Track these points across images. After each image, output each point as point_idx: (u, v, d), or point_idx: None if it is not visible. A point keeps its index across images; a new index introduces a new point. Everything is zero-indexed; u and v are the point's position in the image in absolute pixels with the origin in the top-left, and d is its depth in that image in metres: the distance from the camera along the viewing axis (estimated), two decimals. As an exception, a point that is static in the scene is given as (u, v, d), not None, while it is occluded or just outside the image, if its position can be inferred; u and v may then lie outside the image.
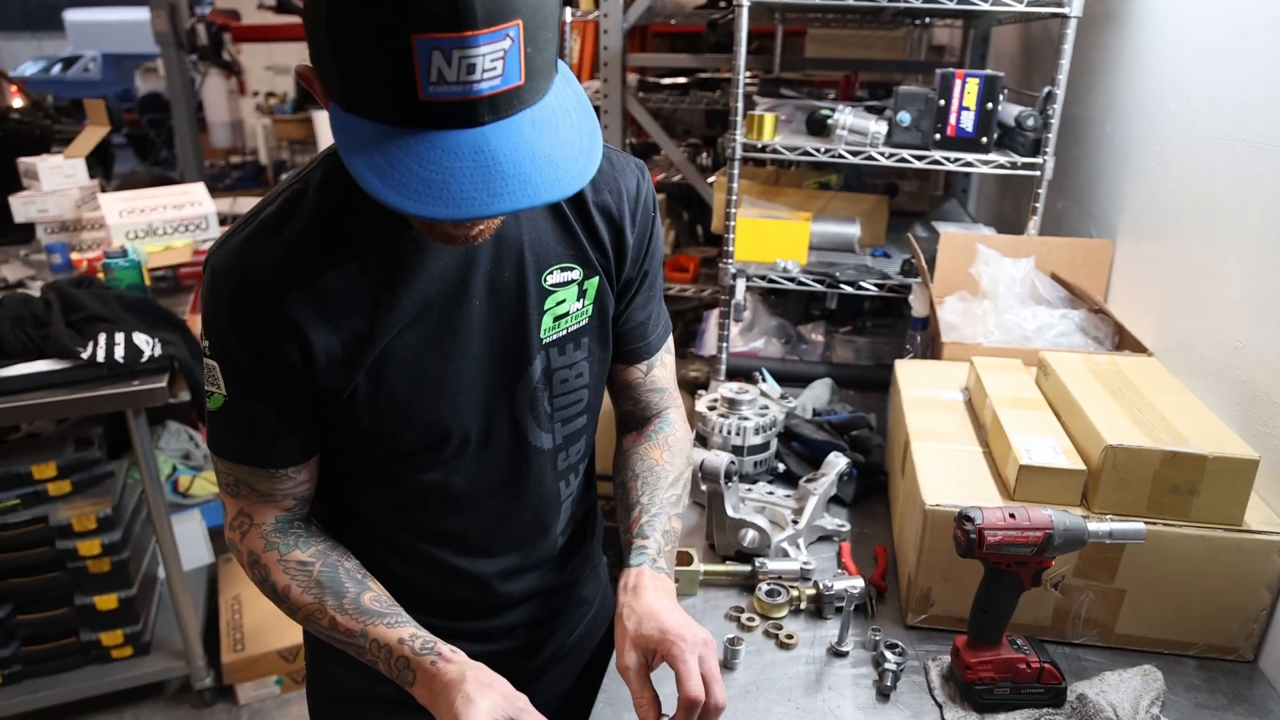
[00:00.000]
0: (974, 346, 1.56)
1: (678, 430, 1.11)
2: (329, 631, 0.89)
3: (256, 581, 0.93)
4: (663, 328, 1.09)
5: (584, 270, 0.95)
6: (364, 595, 0.89)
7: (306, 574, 0.90)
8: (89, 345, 2.01)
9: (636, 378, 1.08)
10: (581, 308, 0.96)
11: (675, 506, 1.03)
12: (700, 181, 2.95)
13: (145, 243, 2.76)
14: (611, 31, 2.81)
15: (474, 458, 0.95)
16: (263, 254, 0.82)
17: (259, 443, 0.89)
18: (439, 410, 0.90)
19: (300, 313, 0.82)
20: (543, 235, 0.92)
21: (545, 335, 0.94)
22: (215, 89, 7.85)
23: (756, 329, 2.30)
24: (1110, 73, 1.86)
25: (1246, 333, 1.25)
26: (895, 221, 2.46)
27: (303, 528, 0.94)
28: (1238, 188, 1.32)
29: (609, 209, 0.95)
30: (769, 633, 1.18)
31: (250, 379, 0.85)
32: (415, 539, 1.00)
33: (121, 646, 2.29)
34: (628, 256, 0.98)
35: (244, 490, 0.92)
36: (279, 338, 0.83)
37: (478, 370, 0.91)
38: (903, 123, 1.83)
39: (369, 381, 0.87)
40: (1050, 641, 1.16)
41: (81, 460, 2.24)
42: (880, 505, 1.51)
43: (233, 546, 0.94)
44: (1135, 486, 1.10)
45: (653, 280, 1.04)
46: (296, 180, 0.87)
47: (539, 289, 0.92)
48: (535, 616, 1.11)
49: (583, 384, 1.00)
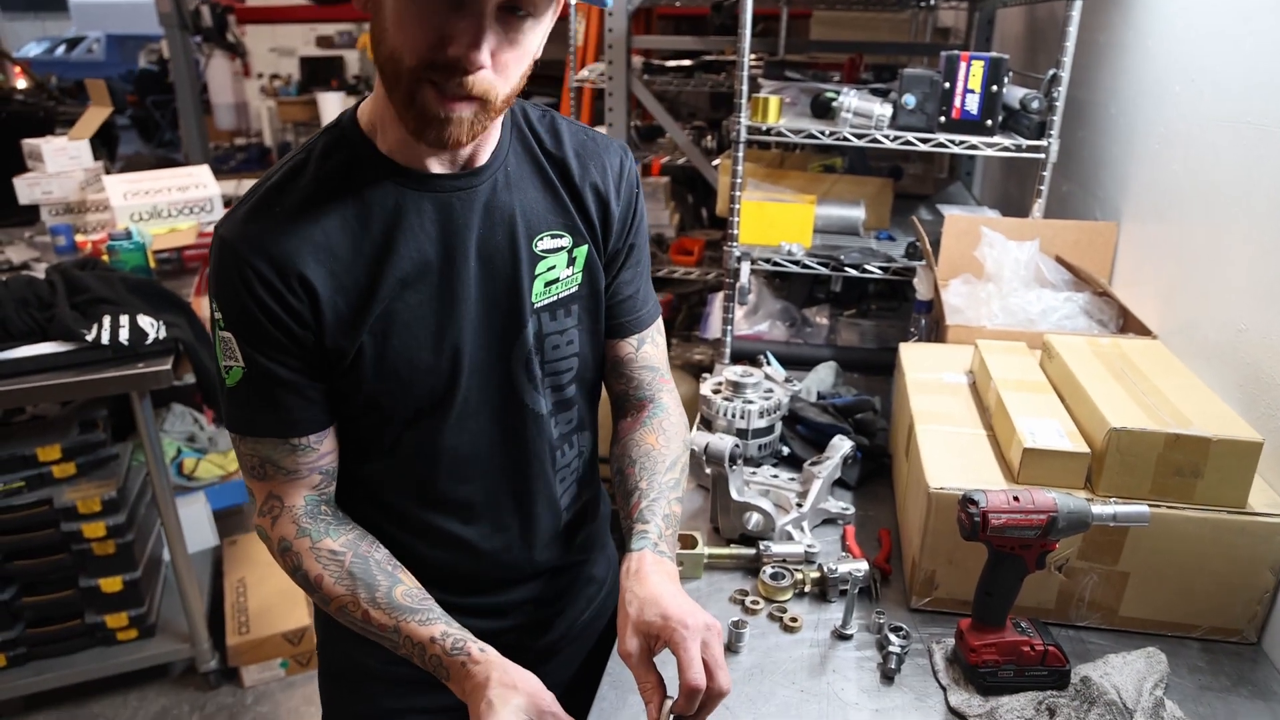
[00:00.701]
0: (978, 329, 1.56)
1: (672, 415, 1.12)
2: (363, 624, 0.90)
3: (289, 570, 0.93)
4: (652, 306, 1.12)
5: (573, 238, 0.98)
6: (396, 589, 0.91)
7: (339, 564, 0.91)
8: (93, 327, 2.01)
9: (628, 353, 1.10)
10: (571, 274, 0.99)
11: (674, 490, 1.04)
12: (705, 164, 2.94)
13: (150, 225, 2.76)
14: (616, 14, 2.79)
15: (474, 420, 0.97)
16: (270, 217, 0.86)
17: (281, 410, 0.90)
18: (440, 369, 0.92)
19: (309, 268, 0.85)
20: (533, 203, 0.96)
21: (537, 300, 0.97)
22: (220, 71, 7.82)
23: (761, 312, 2.30)
24: (1115, 56, 1.85)
25: (1251, 316, 1.25)
26: (900, 204, 2.45)
27: (331, 513, 0.95)
28: (1242, 171, 1.31)
29: (595, 183, 1.00)
30: (773, 616, 1.18)
31: (267, 342, 0.87)
32: (423, 509, 1.00)
33: (126, 629, 2.30)
34: (613, 229, 1.02)
35: (270, 470, 0.92)
36: (291, 294, 0.85)
37: (474, 331, 0.94)
38: (907, 105, 1.82)
39: (373, 342, 0.89)
40: (1054, 624, 1.16)
41: (86, 443, 2.25)
42: (884, 488, 1.51)
43: (263, 535, 0.95)
44: (1139, 469, 1.10)
45: (639, 256, 1.08)
46: (299, 152, 0.91)
47: (530, 254, 0.95)
48: (543, 594, 1.12)
49: (573, 351, 1.02)
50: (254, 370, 0.88)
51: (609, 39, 2.85)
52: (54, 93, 5.95)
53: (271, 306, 0.85)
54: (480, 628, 0.91)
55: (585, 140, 1.01)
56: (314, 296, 0.86)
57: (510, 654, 0.89)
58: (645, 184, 3.20)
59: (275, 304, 0.85)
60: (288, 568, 0.93)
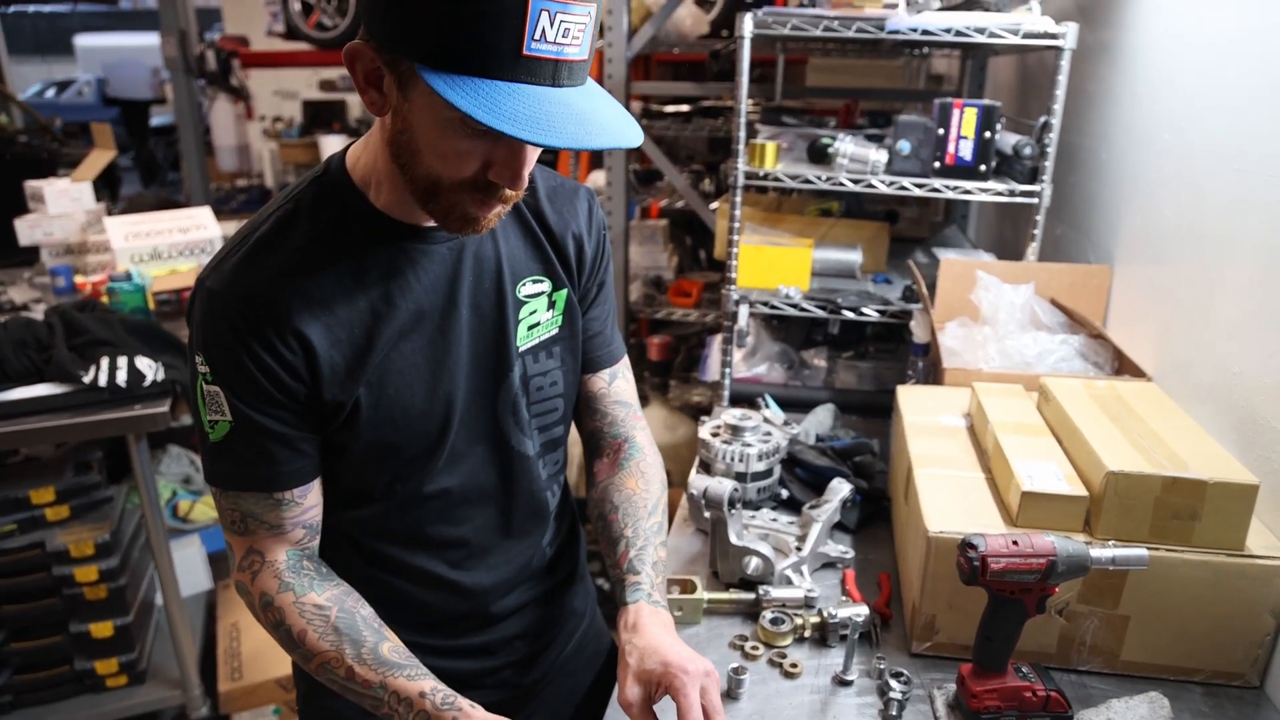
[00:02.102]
0: (975, 372, 1.57)
1: (648, 455, 1.13)
2: (345, 681, 0.88)
3: (269, 626, 0.91)
4: (619, 342, 1.15)
5: (553, 282, 1.01)
6: (382, 645, 0.89)
7: (324, 619, 0.89)
8: (91, 369, 2.01)
9: (600, 387, 1.12)
10: (551, 317, 1.02)
11: (658, 535, 1.05)
12: (703, 207, 2.98)
13: (150, 266, 2.77)
14: (616, 60, 2.85)
15: (464, 463, 0.98)
16: (263, 270, 0.85)
17: (266, 464, 0.89)
18: (433, 415, 0.94)
19: (304, 324, 0.85)
20: (516, 251, 0.99)
21: (522, 343, 0.99)
22: (223, 113, 7.94)
23: (759, 354, 2.31)
24: (1104, 102, 1.89)
25: (1244, 359, 1.26)
26: (896, 247, 2.48)
27: (314, 568, 0.94)
28: (1230, 215, 1.33)
29: (569, 227, 1.02)
30: (773, 661, 1.17)
31: (259, 396, 0.86)
32: (411, 553, 1.01)
33: (116, 675, 2.26)
34: (586, 270, 1.05)
35: (252, 524, 0.91)
36: (287, 349, 0.85)
37: (465, 376, 0.95)
38: (902, 151, 1.86)
39: (370, 393, 0.90)
40: (1056, 669, 1.15)
41: (80, 485, 2.23)
42: (884, 531, 1.51)
43: (243, 591, 0.93)
44: (1137, 512, 1.10)
45: (607, 294, 1.11)
46: (286, 201, 0.90)
47: (514, 299, 0.98)
48: (527, 629, 1.12)
49: (558, 392, 1.04)
50: (242, 424, 0.87)
51: (608, 84, 2.90)
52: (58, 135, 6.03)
53: (266, 360, 0.85)
54: (469, 669, 0.91)
55: (555, 186, 1.04)
56: (310, 352, 0.86)
57: (499, 692, 0.90)
58: (644, 227, 3.23)
59: (270, 358, 0.85)
60: (268, 624, 0.91)
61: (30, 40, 17.89)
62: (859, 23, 1.77)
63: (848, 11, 1.79)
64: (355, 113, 9.07)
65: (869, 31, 1.77)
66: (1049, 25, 1.73)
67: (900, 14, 1.77)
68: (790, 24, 1.79)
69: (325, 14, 5.22)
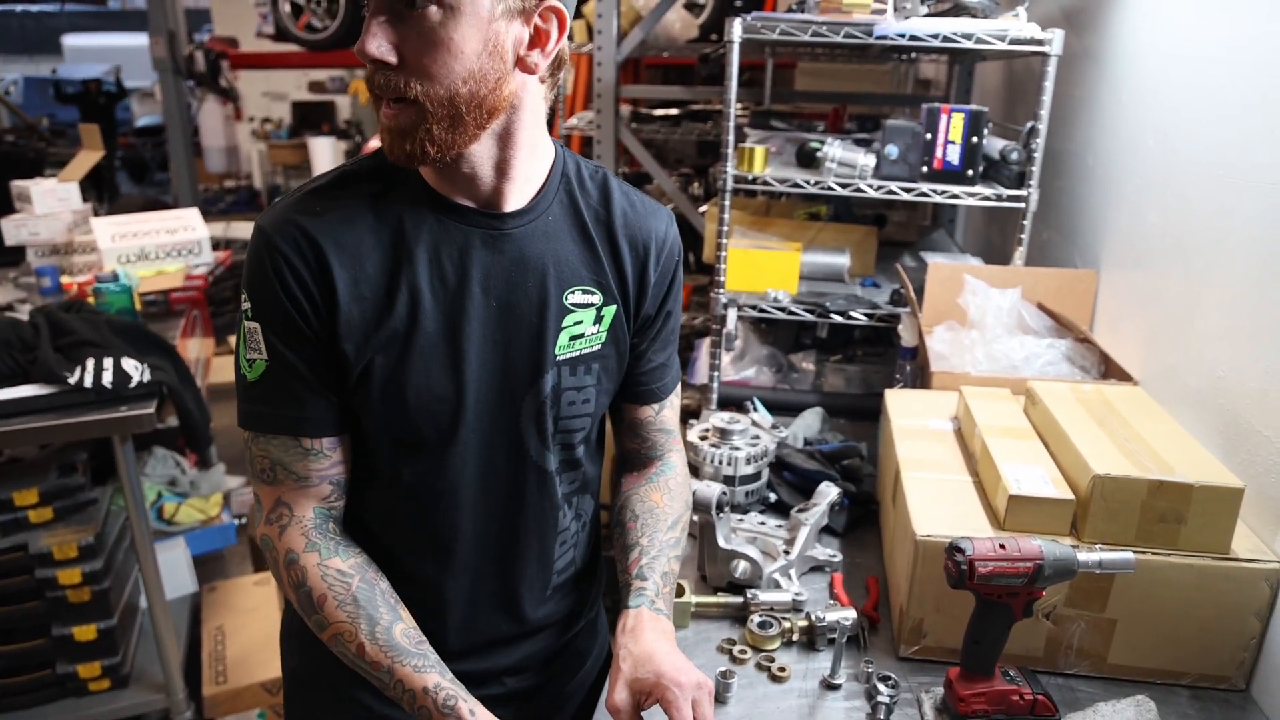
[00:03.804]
0: (963, 376, 1.57)
1: (679, 474, 1.13)
2: (354, 657, 0.88)
3: (290, 585, 0.90)
4: (676, 371, 1.12)
5: (604, 296, 0.98)
6: (396, 626, 0.89)
7: (345, 587, 0.89)
8: (76, 370, 1.99)
9: (648, 416, 1.11)
10: (596, 332, 0.98)
11: (674, 549, 1.04)
12: (692, 210, 2.98)
13: (137, 267, 2.75)
14: (605, 64, 2.85)
15: (475, 464, 0.95)
16: (309, 212, 0.87)
17: (297, 407, 0.89)
18: (447, 401, 0.91)
19: (334, 269, 0.86)
20: (569, 255, 0.96)
21: (560, 352, 0.96)
22: (212, 115, 7.90)
23: (748, 358, 2.31)
24: (1091, 108, 1.90)
25: (1228, 362, 1.27)
26: (884, 251, 2.49)
27: (339, 532, 0.94)
28: (1213, 220, 1.34)
29: (636, 244, 0.99)
30: (761, 665, 1.17)
31: (293, 332, 0.87)
32: (406, 552, 0.98)
33: (99, 679, 2.24)
34: (648, 293, 1.01)
35: (280, 474, 0.91)
36: (314, 282, 0.86)
37: (484, 371, 0.92)
38: (890, 156, 1.86)
39: (384, 363, 0.88)
40: (1043, 672, 1.15)
41: (64, 487, 2.21)
42: (872, 535, 1.51)
43: (267, 545, 0.92)
44: (1124, 515, 1.10)
45: (674, 325, 1.08)
46: (351, 164, 0.93)
47: (559, 305, 0.95)
48: (521, 664, 1.08)
49: (588, 410, 1.00)
50: (276, 362, 0.88)
51: (598, 88, 2.90)
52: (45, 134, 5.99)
53: (298, 296, 0.85)
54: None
55: (634, 201, 1.01)
56: (332, 296, 0.86)
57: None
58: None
59: (301, 294, 0.85)
60: (290, 583, 0.90)
61: (18, 40, 17.77)
62: (847, 28, 1.78)
63: (836, 17, 1.80)
64: (344, 114, 9.05)
65: (857, 37, 1.78)
66: (1035, 31, 1.74)
67: (888, 20, 1.78)
68: (779, 29, 1.79)
69: (315, 16, 5.21)
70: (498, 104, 0.85)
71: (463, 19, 0.80)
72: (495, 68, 0.83)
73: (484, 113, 0.84)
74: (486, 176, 0.90)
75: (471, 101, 0.83)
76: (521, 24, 0.84)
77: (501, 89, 0.84)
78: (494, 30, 0.82)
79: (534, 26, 0.85)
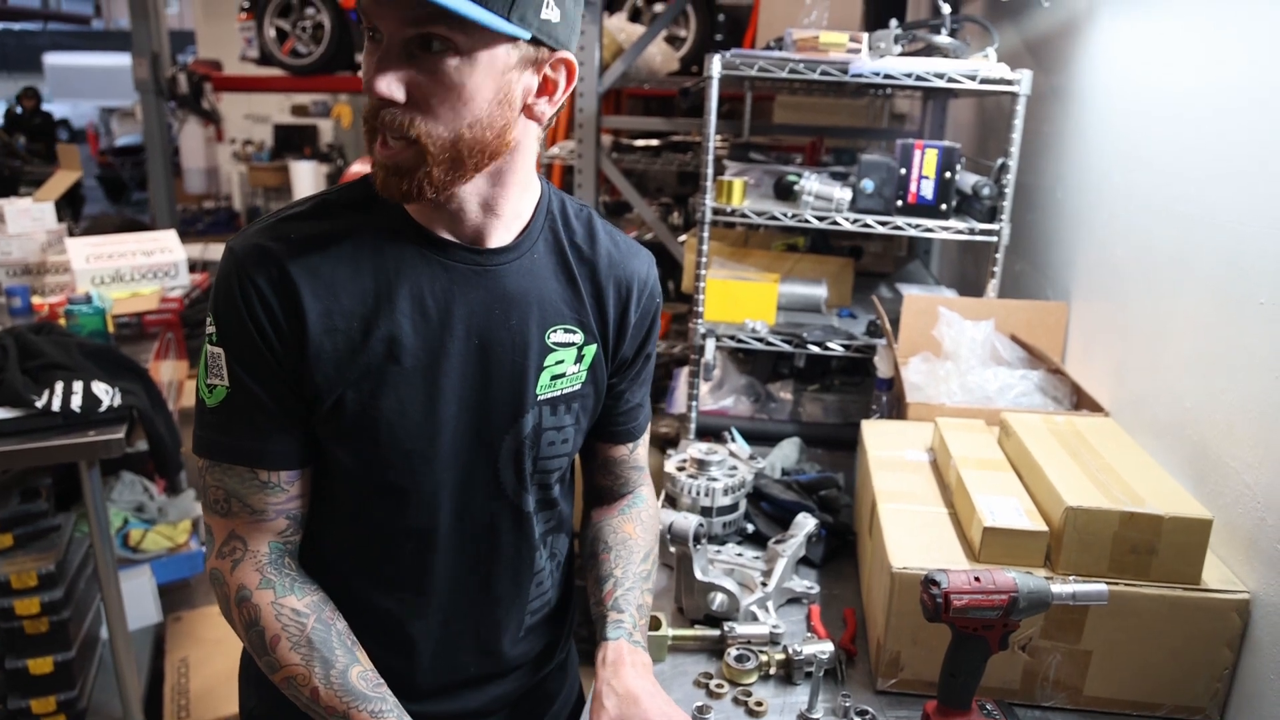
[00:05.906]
0: (938, 407, 1.59)
1: (650, 507, 1.14)
2: (308, 701, 0.85)
3: (241, 624, 0.87)
4: (648, 409, 1.13)
5: (585, 335, 0.97)
6: (352, 669, 0.86)
7: (299, 627, 0.86)
8: (44, 393, 1.96)
9: (622, 455, 1.11)
10: (577, 372, 0.97)
11: (646, 581, 1.05)
12: (671, 240, 3.00)
13: (111, 289, 2.72)
14: (587, 94, 2.88)
15: (449, 503, 0.93)
16: (282, 237, 0.85)
17: (256, 439, 0.86)
18: (421, 438, 0.89)
19: (305, 299, 0.84)
20: (552, 294, 0.95)
21: (541, 391, 0.95)
22: (193, 136, 7.88)
23: (726, 387, 2.31)
24: (1059, 144, 1.95)
25: (1195, 394, 1.29)
26: (861, 282, 2.52)
27: (295, 569, 0.91)
28: (1176, 255, 1.38)
29: (620, 284, 0.99)
30: (738, 700, 1.16)
31: (257, 361, 0.85)
32: (373, 590, 0.95)
33: (54, 715, 2.16)
34: (628, 334, 1.01)
35: (235, 506, 0.88)
36: (283, 310, 0.83)
37: (469, 411, 0.91)
38: (866, 190, 1.89)
39: (356, 398, 0.86)
40: (1020, 705, 1.15)
41: (26, 513, 2.16)
42: (850, 565, 1.51)
43: (218, 581, 0.89)
44: (1096, 547, 1.12)
45: (650, 366, 1.09)
46: (330, 192, 0.92)
47: (541, 344, 0.94)
48: (487, 707, 1.06)
49: (565, 450, 0.99)
50: (238, 390, 0.85)
51: (579, 118, 2.93)
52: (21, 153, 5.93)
53: (264, 324, 0.83)
54: None
55: (618, 242, 1.01)
56: (303, 326, 0.84)
57: None
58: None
59: (268, 322, 0.83)
60: (242, 621, 0.87)
61: (-1, 56, 17.66)
62: (823, 66, 1.81)
63: (813, 55, 1.83)
64: (326, 138, 9.05)
65: (833, 74, 1.82)
66: (1005, 72, 1.78)
67: (863, 59, 1.82)
68: (757, 66, 1.82)
69: (300, 42, 5.23)
70: (500, 149, 0.84)
71: (478, 68, 0.79)
72: (503, 115, 0.83)
73: (485, 157, 0.84)
74: (473, 213, 0.89)
75: (475, 146, 0.82)
76: (532, 73, 0.84)
77: (506, 135, 0.84)
78: (506, 80, 0.81)
79: (543, 75, 0.85)
